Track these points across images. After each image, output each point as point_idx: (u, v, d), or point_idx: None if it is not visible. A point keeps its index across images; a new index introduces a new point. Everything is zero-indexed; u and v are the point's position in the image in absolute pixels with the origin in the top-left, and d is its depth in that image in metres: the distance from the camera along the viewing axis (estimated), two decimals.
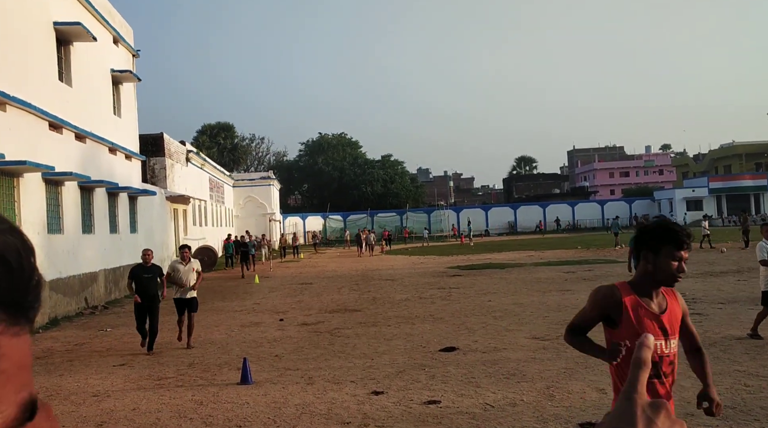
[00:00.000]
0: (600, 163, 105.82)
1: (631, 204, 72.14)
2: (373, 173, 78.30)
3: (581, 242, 41.14)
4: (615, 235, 36.83)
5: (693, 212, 65.98)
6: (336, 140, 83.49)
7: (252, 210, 54.46)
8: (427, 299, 15.78)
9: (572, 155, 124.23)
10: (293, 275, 26.60)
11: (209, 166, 41.27)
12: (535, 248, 37.03)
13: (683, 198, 67.32)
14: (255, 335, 11.82)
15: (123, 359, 10.09)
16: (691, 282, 16.68)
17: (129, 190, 21.21)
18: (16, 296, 0.55)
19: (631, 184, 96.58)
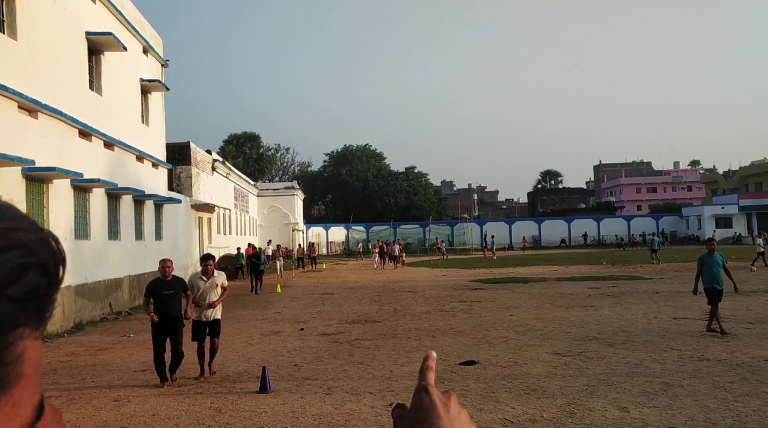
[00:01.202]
0: (627, 178, 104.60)
1: (658, 220, 71.10)
2: (396, 184, 78.37)
3: (606, 258, 40.62)
4: (653, 252, 36.10)
5: (722, 230, 64.78)
6: (360, 152, 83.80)
7: (276, 220, 54.85)
8: (448, 312, 15.68)
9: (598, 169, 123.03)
10: (315, 285, 26.66)
11: (234, 175, 41.67)
12: (559, 263, 36.65)
13: (712, 215, 66.13)
14: (275, 344, 11.84)
15: (144, 365, 10.17)
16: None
17: (155, 197, 21.50)
18: (46, 304, 0.58)
19: (659, 200, 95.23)
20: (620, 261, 36.83)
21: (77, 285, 15.25)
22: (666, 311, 14.55)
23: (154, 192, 21.72)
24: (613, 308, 15.54)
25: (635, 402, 7.03)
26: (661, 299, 17.20)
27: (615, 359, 9.38)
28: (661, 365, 8.88)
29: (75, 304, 15.06)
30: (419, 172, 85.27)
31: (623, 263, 35.31)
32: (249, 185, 49.31)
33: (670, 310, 14.79)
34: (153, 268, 21.48)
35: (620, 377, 8.24)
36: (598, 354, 9.80)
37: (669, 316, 13.78)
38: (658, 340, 10.83)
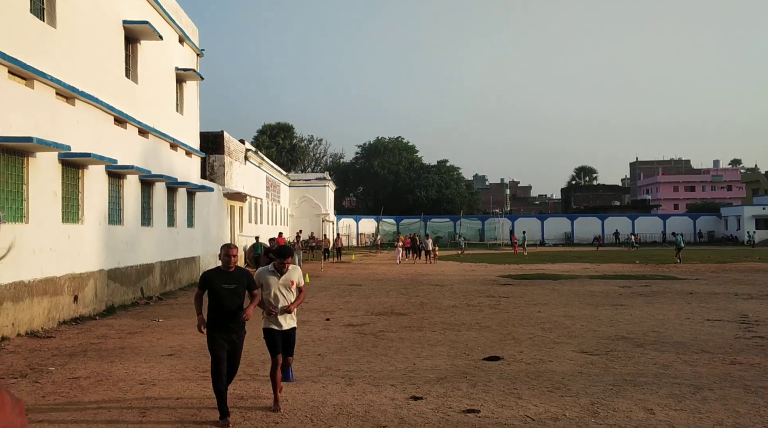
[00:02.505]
0: (664, 176, 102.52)
1: (695, 220, 69.58)
2: (428, 178, 78.20)
3: (639, 257, 39.89)
4: (678, 250, 35.68)
5: (762, 231, 63.05)
6: (392, 144, 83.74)
7: (307, 210, 55.25)
8: (475, 307, 15.60)
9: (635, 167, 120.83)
10: (343, 276, 26.78)
11: (267, 165, 42.02)
12: (591, 261, 36.14)
13: (752, 216, 64.41)
14: (300, 333, 11.84)
15: (172, 350, 10.33)
16: (755, 304, 15.91)
17: (188, 185, 21.78)
18: None
19: (697, 199, 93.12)
20: (654, 261, 36.13)
21: (110, 269, 15.56)
22: (699, 313, 14.22)
23: (187, 180, 22.01)
24: (644, 307, 15.25)
25: (662, 404, 6.87)
26: (695, 300, 16.82)
27: (643, 359, 9.20)
28: (691, 367, 8.68)
29: (107, 288, 15.38)
30: (451, 166, 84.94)
31: (657, 262, 34.65)
32: (281, 175, 49.69)
33: (704, 311, 14.44)
34: (184, 254, 21.82)
35: (648, 378, 8.07)
36: (626, 353, 9.62)
37: (702, 317, 13.46)
38: (690, 342, 10.59)
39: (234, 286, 6.41)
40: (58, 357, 9.75)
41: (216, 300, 6.36)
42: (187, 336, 11.69)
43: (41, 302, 12.23)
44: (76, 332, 12.19)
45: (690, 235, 66.45)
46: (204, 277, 6.54)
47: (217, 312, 6.36)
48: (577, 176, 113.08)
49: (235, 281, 6.44)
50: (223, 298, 6.34)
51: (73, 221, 13.92)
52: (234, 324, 6.40)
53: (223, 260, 6.51)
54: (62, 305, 13.08)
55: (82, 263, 14.07)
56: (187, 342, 10.98)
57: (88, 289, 14.35)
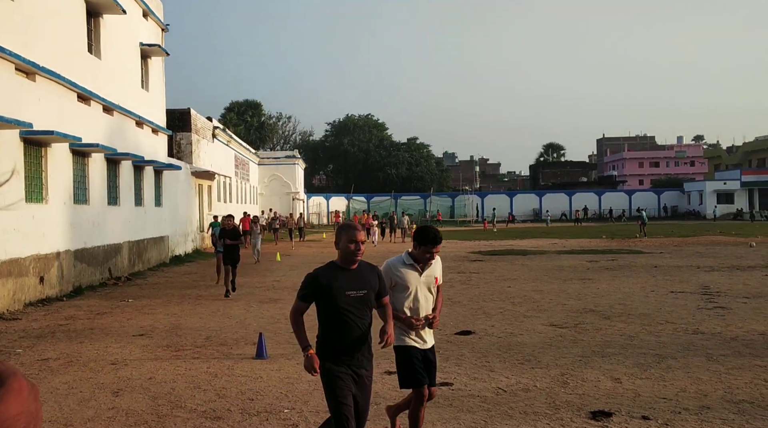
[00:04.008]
0: (629, 152, 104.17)
1: (659, 195, 71.07)
2: (398, 155, 78.32)
3: (606, 232, 40.66)
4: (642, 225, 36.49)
5: (723, 205, 64.73)
6: (362, 122, 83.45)
7: (276, 189, 54.90)
8: (446, 283, 15.66)
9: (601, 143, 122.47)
10: (314, 254, 26.74)
11: (235, 143, 41.52)
12: (559, 236, 36.71)
13: (714, 190, 66.03)
14: (273, 311, 11.91)
15: (142, 329, 10.25)
16: (716, 275, 16.40)
17: (155, 164, 21.44)
18: None
19: (661, 175, 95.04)
20: (620, 235, 36.88)
21: (76, 250, 15.29)
22: (663, 285, 14.59)
23: (154, 158, 21.65)
24: (611, 281, 15.58)
25: (628, 373, 7.07)
26: (660, 273, 17.24)
27: (610, 331, 9.43)
28: (656, 338, 8.93)
29: (74, 268, 15.12)
30: (421, 143, 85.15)
31: (623, 237, 35.36)
32: (250, 154, 49.16)
33: (668, 284, 14.83)
34: (153, 234, 21.54)
35: (615, 348, 8.28)
36: (594, 326, 9.85)
37: (666, 290, 13.82)
38: (654, 313, 10.87)
39: (363, 292, 4.10)
40: (26, 339, 9.59)
41: (336, 317, 4.04)
42: (158, 315, 11.61)
43: (6, 283, 11.99)
44: (43, 313, 11.99)
45: (654, 210, 67.91)
46: (314, 280, 4.07)
47: (339, 336, 4.06)
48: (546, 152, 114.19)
49: (363, 284, 4.12)
50: (348, 312, 4.04)
51: (37, 201, 13.61)
52: (364, 352, 4.16)
53: (344, 250, 4.09)
54: (28, 287, 12.84)
55: (47, 243, 13.79)
56: (157, 322, 10.89)
57: (54, 270, 14.09)
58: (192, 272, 20.07)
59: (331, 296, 4.02)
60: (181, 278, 18.41)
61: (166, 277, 18.64)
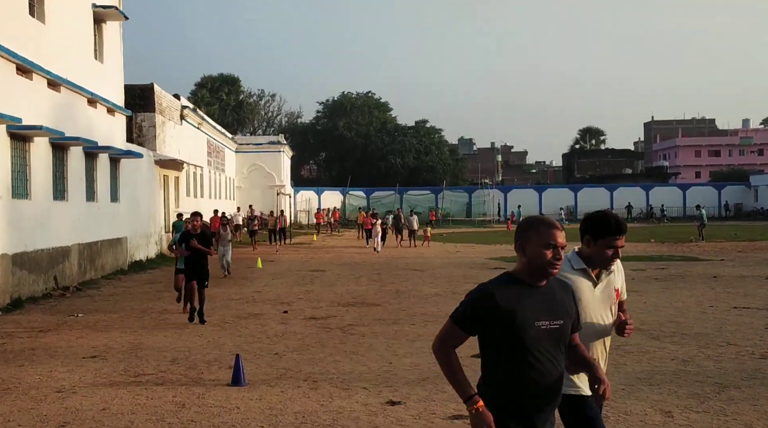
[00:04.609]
0: (684, 138, 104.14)
1: (720, 190, 70.98)
2: (404, 141, 78.26)
3: (655, 235, 40.64)
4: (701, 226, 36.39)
5: None
6: (361, 101, 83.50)
7: (257, 181, 54.93)
8: (462, 295, 15.57)
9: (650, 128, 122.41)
10: (303, 260, 26.79)
11: (208, 126, 41.55)
12: None
13: None
14: (252, 328, 11.94)
15: (95, 350, 10.27)
16: None
17: (111, 150, 21.46)
18: None
19: (722, 166, 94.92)
20: (672, 239, 36.85)
21: (15, 254, 15.30)
22: (724, 299, 14.58)
23: (110, 144, 21.67)
24: (660, 294, 15.57)
25: (681, 405, 7.06)
26: (720, 284, 17.23)
27: (660, 354, 9.42)
28: (716, 363, 8.92)
29: (12, 276, 15.14)
30: (432, 127, 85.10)
31: (675, 240, 35.33)
32: (226, 139, 49.21)
33: (730, 298, 14.81)
34: (108, 235, 21.57)
35: (665, 376, 8.27)
36: (640, 347, 9.84)
37: (728, 305, 13.81)
38: (713, 333, 10.86)
39: (559, 323, 3.44)
40: None
41: (519, 357, 3.37)
42: (114, 333, 11.63)
43: None
44: None
45: (714, 208, 67.84)
46: (488, 300, 3.37)
47: (523, 385, 3.41)
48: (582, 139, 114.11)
49: (558, 311, 3.46)
50: (537, 352, 3.38)
51: None
52: (553, 402, 3.51)
53: (535, 258, 3.42)
54: None
55: None
56: (113, 341, 10.91)
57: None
58: (155, 280, 20.10)
59: (513, 326, 3.33)
60: (142, 288, 18.43)
61: (124, 287, 18.66)
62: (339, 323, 12.37)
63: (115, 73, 23.61)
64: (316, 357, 9.62)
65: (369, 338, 10.94)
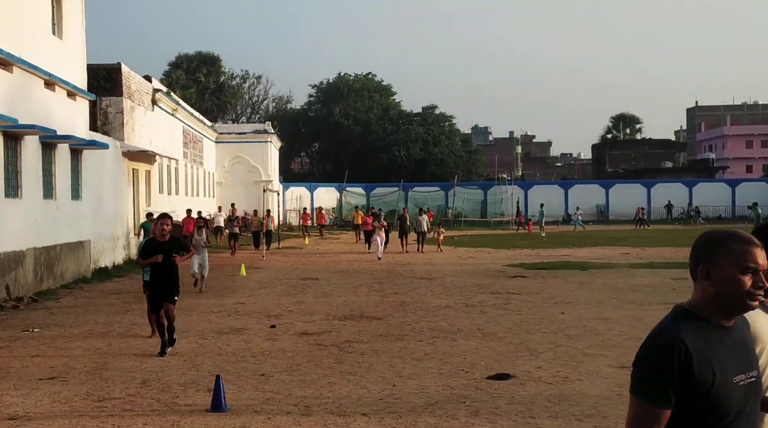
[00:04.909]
0: (733, 127, 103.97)
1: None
2: (409, 130, 78.20)
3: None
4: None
5: None
6: (360, 84, 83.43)
7: (241, 175, 54.89)
8: (476, 308, 15.81)
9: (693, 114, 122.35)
10: (293, 266, 26.77)
11: (184, 112, 41.54)
12: (634, 244, 36.70)
13: None
14: (235, 345, 11.94)
15: (53, 371, 10.26)
16: None
17: (71, 140, 21.43)
18: None
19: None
20: None
21: None
22: None
23: (71, 133, 21.66)
24: None
25: None
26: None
27: None
28: None
29: None
30: (442, 114, 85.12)
31: None
32: (205, 127, 49.23)
33: None
34: (69, 238, 21.58)
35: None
36: None
37: None
38: None
39: (755, 374, 3.00)
40: None
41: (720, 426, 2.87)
42: (75, 351, 11.63)
43: None
44: None
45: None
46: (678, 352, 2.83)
47: None
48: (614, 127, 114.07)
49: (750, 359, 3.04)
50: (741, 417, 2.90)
51: None
52: None
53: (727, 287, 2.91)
54: None
55: None
56: (74, 360, 10.91)
57: None
58: (123, 290, 20.09)
59: (711, 389, 2.79)
60: (108, 299, 18.42)
61: (87, 298, 18.66)
62: (334, 339, 12.36)
63: (77, 51, 23.60)
64: (308, 378, 9.60)
65: (369, 356, 10.93)
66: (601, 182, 75.78)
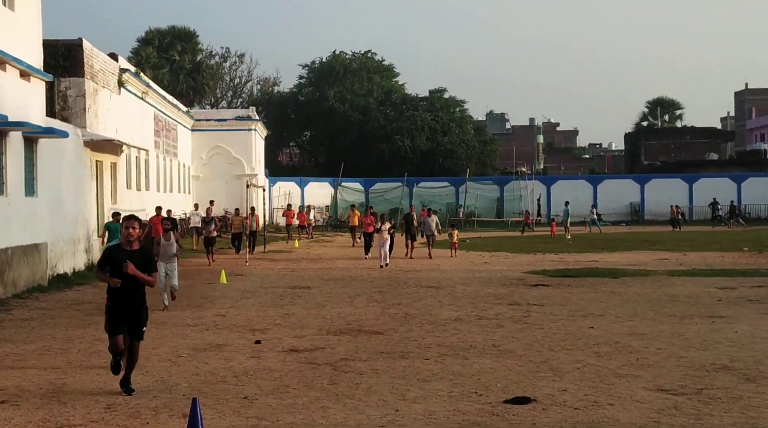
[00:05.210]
0: None
1: None
2: (415, 117, 78.00)
3: (750, 241, 40.54)
4: None
5: None
6: (358, 64, 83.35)
7: (221, 169, 54.86)
8: (491, 321, 15.80)
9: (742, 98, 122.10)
10: (281, 273, 26.73)
11: (155, 96, 41.50)
12: (673, 248, 36.62)
13: None
14: (214, 364, 11.91)
15: (4, 393, 10.23)
16: None
17: (24, 127, 21.37)
18: None
19: None
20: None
21: None
22: None
23: (24, 119, 21.63)
24: (756, 320, 15.58)
25: None
26: None
27: (757, 401, 9.41)
28: None
29: None
30: (452, 98, 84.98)
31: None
32: (179, 113, 49.20)
33: None
34: (22, 240, 21.54)
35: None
36: (730, 392, 9.83)
37: None
38: None
39: None
40: None
41: None
42: (29, 371, 11.58)
43: None
44: None
45: None
46: None
47: None
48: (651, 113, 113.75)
49: None
50: None
51: None
52: None
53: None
54: None
55: None
56: (28, 381, 10.88)
57: None
58: (84, 300, 20.04)
59: None
60: (68, 310, 18.38)
61: (43, 309, 18.62)
62: (328, 357, 12.33)
63: (31, 25, 23.54)
64: (298, 402, 9.58)
65: (368, 377, 10.91)
66: (635, 176, 75.67)
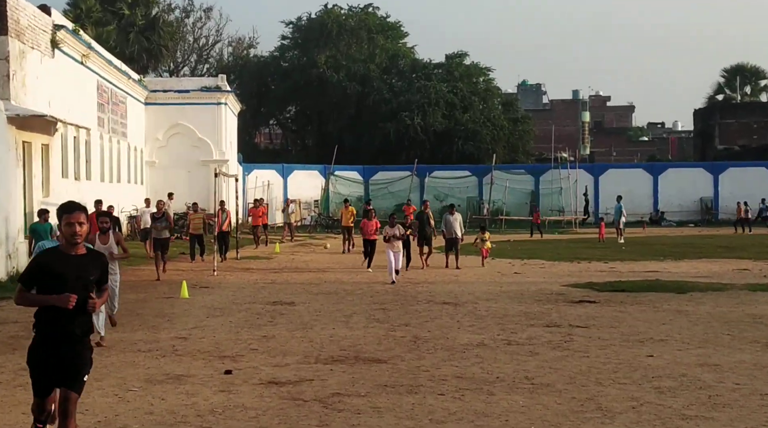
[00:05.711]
0: None
1: None
2: (428, 89, 77.60)
3: None
4: None
5: None
6: (356, 21, 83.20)
7: (182, 152, 54.71)
8: (522, 347, 15.77)
9: None
10: (258, 285, 26.71)
11: (99, 59, 41.50)
12: (756, 256, 36.60)
13: None
14: (173, 400, 11.90)
15: None
16: None
17: None
18: None
19: None
20: None
21: None
22: None
23: None
24: None
25: None
26: None
27: None
28: None
29: None
30: (474, 64, 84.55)
31: None
32: (129, 82, 49.16)
33: None
34: None
35: None
36: None
37: None
38: None
39: None
40: None
41: None
42: None
43: None
44: None
45: None
46: None
47: None
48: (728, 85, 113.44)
49: None
50: None
51: None
52: None
53: None
54: None
55: None
56: None
57: None
58: (8, 319, 20.06)
59: None
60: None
61: None
62: (318, 391, 12.30)
63: None
64: None
65: (367, 416, 10.91)
66: (707, 164, 75.50)
